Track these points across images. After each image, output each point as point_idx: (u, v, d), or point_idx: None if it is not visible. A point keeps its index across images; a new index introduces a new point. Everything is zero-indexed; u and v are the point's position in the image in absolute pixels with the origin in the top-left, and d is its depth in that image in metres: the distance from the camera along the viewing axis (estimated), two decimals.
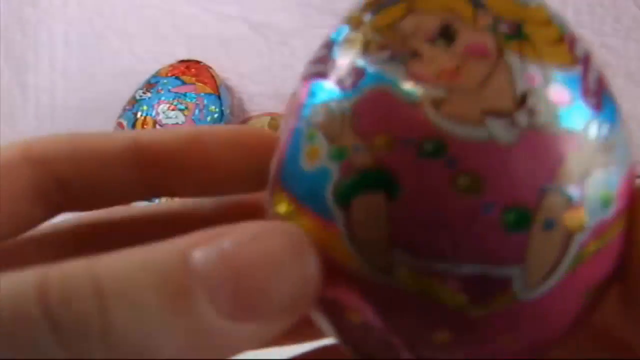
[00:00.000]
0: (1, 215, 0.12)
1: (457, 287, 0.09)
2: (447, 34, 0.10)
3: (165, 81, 0.92)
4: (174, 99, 0.90)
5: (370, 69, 0.10)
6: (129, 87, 0.95)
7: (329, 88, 0.10)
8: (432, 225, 0.09)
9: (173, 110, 0.89)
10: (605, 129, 0.11)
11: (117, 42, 1.03)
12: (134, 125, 0.89)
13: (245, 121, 0.96)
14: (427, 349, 0.09)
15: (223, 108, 0.94)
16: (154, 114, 0.89)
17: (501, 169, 0.09)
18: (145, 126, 0.88)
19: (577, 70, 0.10)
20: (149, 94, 0.91)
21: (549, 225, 0.09)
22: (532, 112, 0.09)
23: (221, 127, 0.13)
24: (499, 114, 0.09)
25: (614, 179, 0.10)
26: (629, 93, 0.97)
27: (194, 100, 0.91)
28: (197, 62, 0.97)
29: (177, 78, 0.93)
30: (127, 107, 0.91)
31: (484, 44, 0.09)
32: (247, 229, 0.09)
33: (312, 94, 0.11)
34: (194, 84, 0.93)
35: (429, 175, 0.09)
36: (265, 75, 1.01)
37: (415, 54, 0.10)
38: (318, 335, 0.11)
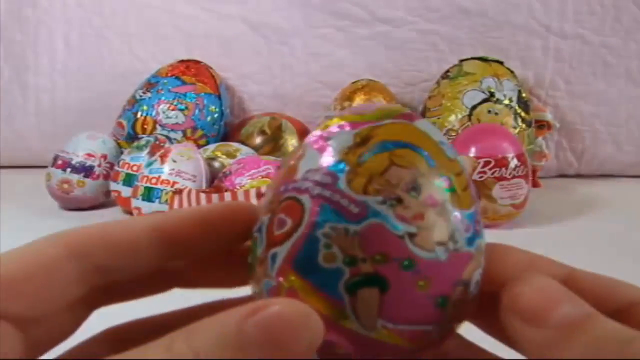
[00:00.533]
0: (57, 302, 0.16)
1: (407, 337, 0.16)
2: (416, 187, 0.16)
3: (165, 81, 0.92)
4: (174, 98, 0.90)
5: (370, 207, 0.16)
6: (129, 87, 0.95)
7: (339, 214, 0.16)
8: (404, 306, 0.16)
9: (173, 110, 0.89)
10: (483, 243, 0.17)
11: (117, 42, 1.03)
12: (133, 125, 0.89)
13: (245, 121, 0.96)
14: None
15: (223, 108, 0.94)
16: (154, 113, 0.89)
17: (439, 275, 0.16)
18: (145, 126, 0.88)
19: (474, 208, 0.17)
20: (149, 94, 0.91)
21: (455, 303, 0.16)
22: (455, 241, 0.16)
23: (216, 205, 0.19)
24: (441, 243, 0.16)
25: (480, 271, 0.17)
26: (629, 93, 0.97)
27: (194, 100, 0.91)
28: (197, 62, 0.97)
29: (177, 78, 0.93)
30: (127, 107, 0.91)
31: (435, 196, 0.16)
32: (275, 304, 0.14)
33: (324, 214, 0.16)
34: (194, 83, 0.93)
35: (405, 280, 0.15)
36: (265, 75, 1.01)
37: (399, 200, 0.16)
38: None
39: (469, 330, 0.18)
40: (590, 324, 0.14)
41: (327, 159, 0.16)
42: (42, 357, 0.17)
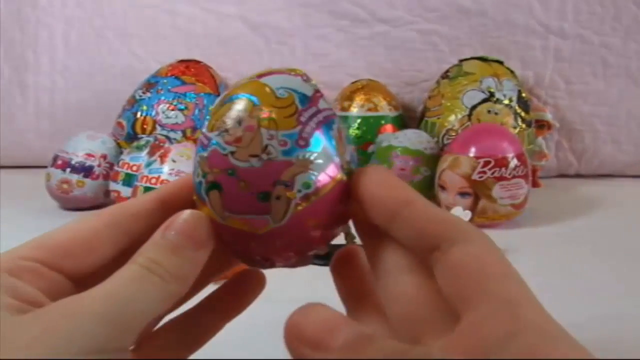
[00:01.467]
0: (98, 261, 0.23)
1: (249, 224, 0.23)
2: (239, 121, 0.23)
3: (165, 81, 0.92)
4: (173, 98, 0.90)
5: (211, 139, 0.23)
6: (129, 86, 0.95)
7: (201, 147, 0.23)
8: (235, 201, 0.23)
9: (173, 110, 0.89)
10: (307, 154, 0.23)
11: (117, 42, 1.03)
12: (133, 125, 0.89)
13: None
14: (244, 247, 0.24)
15: None
16: (153, 113, 0.89)
17: (256, 177, 0.22)
18: (145, 126, 0.88)
19: (297, 130, 0.23)
20: (148, 94, 0.91)
21: (278, 198, 0.22)
22: (268, 153, 0.22)
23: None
24: (254, 155, 0.22)
25: (312, 175, 0.23)
26: (628, 93, 0.97)
27: (194, 100, 0.91)
28: (197, 62, 0.97)
29: (176, 78, 0.93)
30: (127, 107, 0.91)
31: (252, 125, 0.22)
32: (181, 215, 0.22)
33: (198, 150, 0.24)
34: (193, 83, 0.93)
35: (231, 183, 0.22)
36: None
37: (226, 131, 0.23)
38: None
39: None
40: (372, 343, 0.17)
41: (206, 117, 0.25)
42: None
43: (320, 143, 0.23)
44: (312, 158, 0.23)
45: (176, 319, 0.26)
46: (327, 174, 0.23)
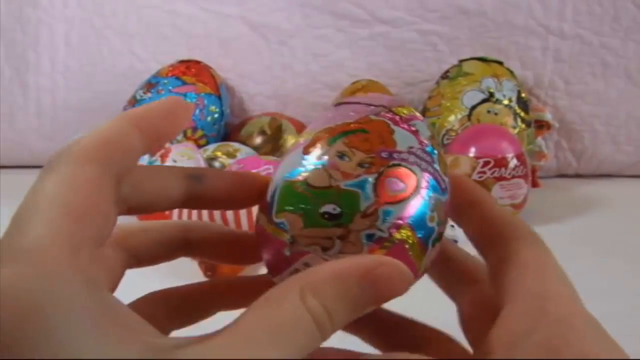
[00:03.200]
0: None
1: (417, 277, 0.20)
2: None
3: (165, 81, 0.93)
4: None
5: (447, 188, 0.21)
6: (129, 87, 0.95)
7: (437, 187, 0.20)
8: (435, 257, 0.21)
9: None
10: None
11: (117, 42, 1.03)
12: None
13: (245, 121, 0.96)
14: None
15: (223, 108, 0.94)
16: None
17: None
18: None
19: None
20: (149, 94, 0.91)
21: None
22: None
23: (227, 173, 0.23)
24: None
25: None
26: (628, 93, 0.97)
27: (195, 100, 0.91)
28: (198, 62, 0.97)
29: (177, 78, 0.93)
30: (128, 107, 0.91)
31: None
32: (384, 265, 0.18)
33: (432, 185, 0.20)
34: (194, 84, 0.93)
35: (444, 239, 0.21)
36: (265, 75, 1.01)
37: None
38: None
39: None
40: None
41: (421, 141, 0.21)
42: None
43: None
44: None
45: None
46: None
